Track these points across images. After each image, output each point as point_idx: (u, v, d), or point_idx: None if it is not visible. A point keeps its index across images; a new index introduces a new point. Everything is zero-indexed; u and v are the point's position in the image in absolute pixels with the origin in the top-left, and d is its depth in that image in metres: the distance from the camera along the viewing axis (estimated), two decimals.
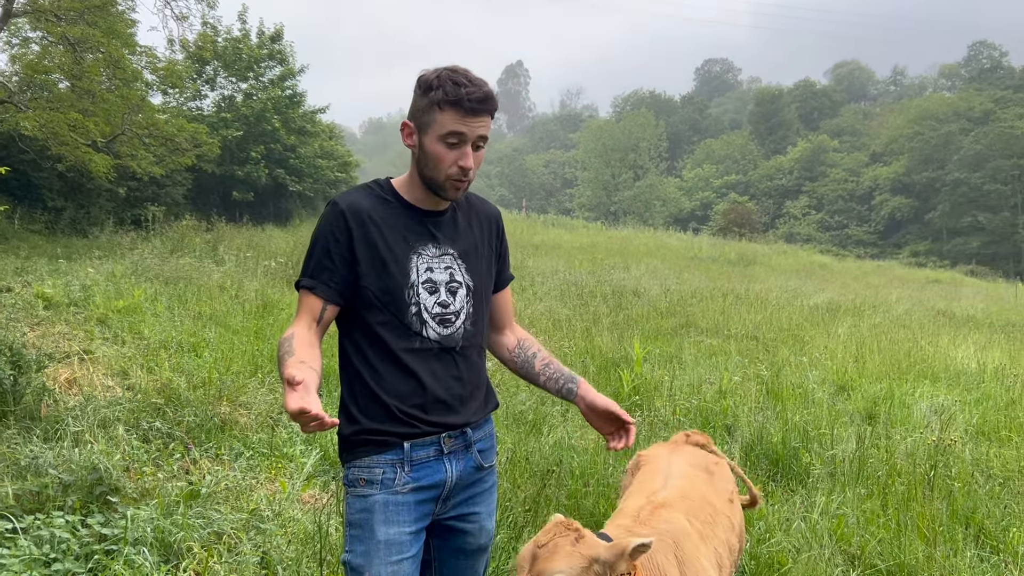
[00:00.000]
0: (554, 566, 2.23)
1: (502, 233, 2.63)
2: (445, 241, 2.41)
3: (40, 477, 4.20)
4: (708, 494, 3.01)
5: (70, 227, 19.34)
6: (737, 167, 74.50)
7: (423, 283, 2.33)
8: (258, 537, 4.01)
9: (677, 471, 3.10)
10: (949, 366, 10.33)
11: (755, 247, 37.14)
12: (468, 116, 2.23)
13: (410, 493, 2.30)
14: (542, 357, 2.63)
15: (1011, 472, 5.95)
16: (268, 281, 13.42)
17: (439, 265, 2.37)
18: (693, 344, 10.90)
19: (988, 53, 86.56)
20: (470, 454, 2.44)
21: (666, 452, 3.33)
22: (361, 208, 2.32)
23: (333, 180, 32.01)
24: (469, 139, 2.26)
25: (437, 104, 2.23)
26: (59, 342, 7.69)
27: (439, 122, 2.24)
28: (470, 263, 2.44)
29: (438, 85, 2.22)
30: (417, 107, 2.29)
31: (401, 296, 2.30)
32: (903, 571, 4.24)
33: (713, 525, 2.86)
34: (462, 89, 2.21)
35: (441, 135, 2.24)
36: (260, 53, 28.70)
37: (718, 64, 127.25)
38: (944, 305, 19.97)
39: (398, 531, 2.26)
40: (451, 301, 2.37)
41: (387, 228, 2.32)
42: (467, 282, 2.42)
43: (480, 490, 2.50)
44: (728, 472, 3.34)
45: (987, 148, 58.42)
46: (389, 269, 2.29)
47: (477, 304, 2.45)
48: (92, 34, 16.69)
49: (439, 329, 2.34)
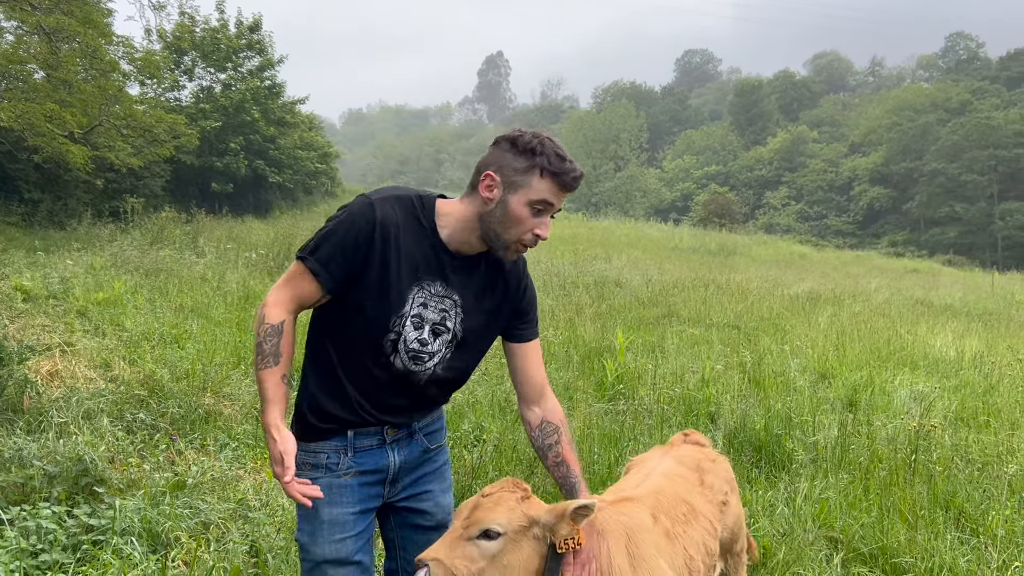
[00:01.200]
0: (493, 516, 2.16)
1: (526, 290, 2.55)
2: (454, 285, 2.38)
3: (24, 469, 4.17)
4: (687, 493, 2.84)
5: (47, 219, 19.13)
6: (717, 158, 74.79)
7: (412, 316, 2.33)
8: (246, 526, 4.01)
9: (661, 469, 2.96)
10: (928, 354, 10.44)
11: (735, 237, 37.35)
12: (563, 191, 2.26)
13: (353, 477, 2.40)
14: (555, 454, 2.51)
15: (989, 457, 6.03)
16: (249, 273, 13.34)
17: (436, 305, 2.36)
18: (675, 333, 10.96)
19: (965, 44, 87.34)
20: (415, 439, 2.51)
21: (659, 454, 3.19)
22: (392, 224, 2.29)
23: (313, 171, 31.87)
24: (554, 210, 2.29)
25: (539, 170, 2.23)
26: (39, 334, 7.62)
27: (535, 188, 2.24)
28: (468, 315, 2.41)
29: (542, 152, 2.22)
30: (510, 165, 2.25)
31: (387, 321, 2.32)
32: (886, 554, 4.30)
33: (687, 524, 2.72)
34: (567, 164, 2.24)
35: (532, 200, 2.25)
36: (238, 43, 28.48)
37: (698, 55, 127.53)
38: (922, 294, 20.18)
39: (341, 511, 2.36)
40: (431, 342, 2.37)
41: (405, 255, 2.30)
42: (455, 331, 2.40)
43: (430, 470, 2.58)
44: (725, 471, 3.16)
45: (964, 139, 58.98)
46: (389, 293, 2.30)
47: (458, 355, 2.44)
48: (68, 23, 16.46)
49: (408, 364, 2.37)
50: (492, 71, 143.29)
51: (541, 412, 2.53)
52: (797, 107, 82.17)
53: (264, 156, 28.26)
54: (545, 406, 2.54)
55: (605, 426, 6.20)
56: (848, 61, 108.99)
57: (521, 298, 2.52)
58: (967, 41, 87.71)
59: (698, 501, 2.85)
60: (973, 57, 79.52)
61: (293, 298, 2.35)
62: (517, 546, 2.17)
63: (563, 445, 2.50)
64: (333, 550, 2.35)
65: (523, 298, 2.53)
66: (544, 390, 2.56)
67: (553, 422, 2.52)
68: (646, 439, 5.95)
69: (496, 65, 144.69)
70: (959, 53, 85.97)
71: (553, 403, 2.56)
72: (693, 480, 2.95)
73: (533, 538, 2.20)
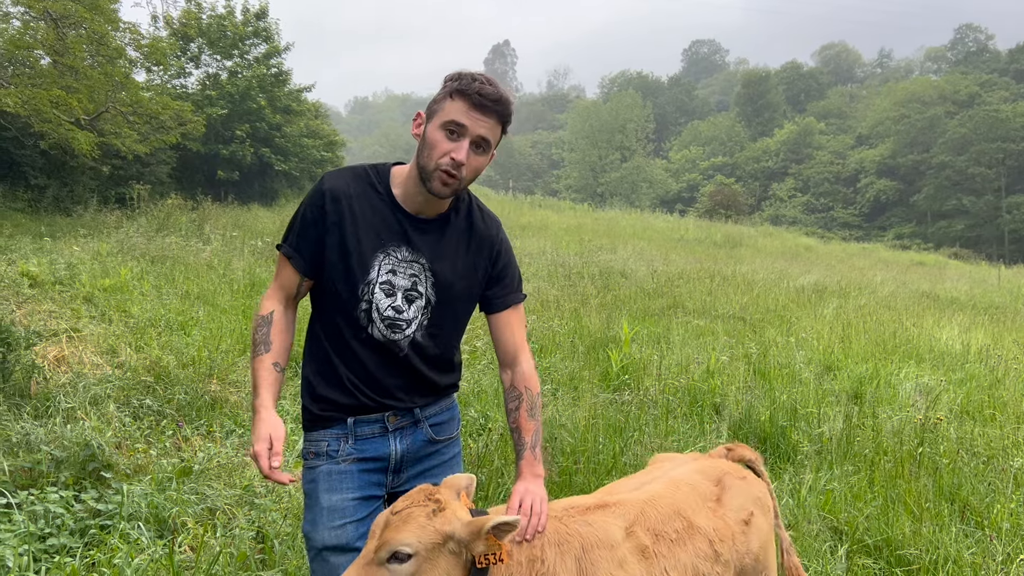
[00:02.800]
0: (402, 537, 2.00)
1: (499, 256, 2.53)
2: (421, 249, 2.39)
3: (32, 453, 4.19)
4: (689, 508, 2.55)
5: (53, 205, 19.15)
6: (724, 149, 74.54)
7: (380, 283, 2.35)
8: (252, 512, 4.02)
9: (673, 475, 2.70)
10: (934, 347, 10.43)
11: (741, 229, 37.27)
12: (474, 110, 2.25)
13: (353, 463, 2.40)
14: (513, 419, 2.51)
15: (995, 450, 6.03)
16: (255, 260, 13.36)
17: (405, 270, 2.38)
18: (681, 324, 10.95)
19: (974, 36, 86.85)
20: (420, 429, 2.50)
21: (685, 459, 2.91)
22: (342, 194, 2.34)
23: (319, 159, 31.81)
24: (469, 133, 2.26)
25: (449, 93, 2.27)
26: (46, 320, 7.64)
27: (446, 110, 2.27)
28: (440, 279, 2.42)
29: (457, 77, 2.28)
30: (433, 99, 2.33)
31: (355, 291, 2.34)
32: (890, 546, 4.30)
33: (676, 544, 2.44)
34: (476, 83, 2.25)
35: (444, 122, 2.26)
36: (245, 30, 28.41)
37: (705, 45, 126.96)
38: (928, 287, 20.13)
39: (340, 498, 2.36)
40: (405, 308, 2.39)
41: (363, 220, 2.34)
42: (428, 295, 2.41)
43: (438, 462, 2.57)
44: (755, 491, 2.80)
45: (972, 131, 58.70)
46: (350, 262, 2.33)
47: (436, 319, 2.44)
48: (75, 9, 16.45)
49: (385, 332, 2.39)
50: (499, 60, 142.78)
51: (511, 377, 2.54)
52: (804, 98, 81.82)
53: (270, 144, 28.22)
54: (517, 371, 2.54)
55: (610, 416, 6.21)
56: (856, 52, 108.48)
57: (495, 262, 2.51)
58: (976, 33, 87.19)
59: (702, 519, 2.56)
60: (982, 49, 79.07)
61: (279, 288, 2.43)
62: (433, 564, 2.02)
63: (521, 412, 2.49)
64: (333, 536, 2.34)
65: (497, 262, 2.52)
66: (518, 356, 2.55)
67: (518, 388, 2.52)
68: (651, 429, 5.96)
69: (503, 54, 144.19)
70: (968, 45, 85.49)
71: (525, 368, 2.54)
72: (707, 495, 2.65)
73: (450, 553, 2.05)
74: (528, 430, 2.48)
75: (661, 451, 5.44)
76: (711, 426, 6.31)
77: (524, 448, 2.45)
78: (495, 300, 2.54)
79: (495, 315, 2.56)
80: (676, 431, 6.00)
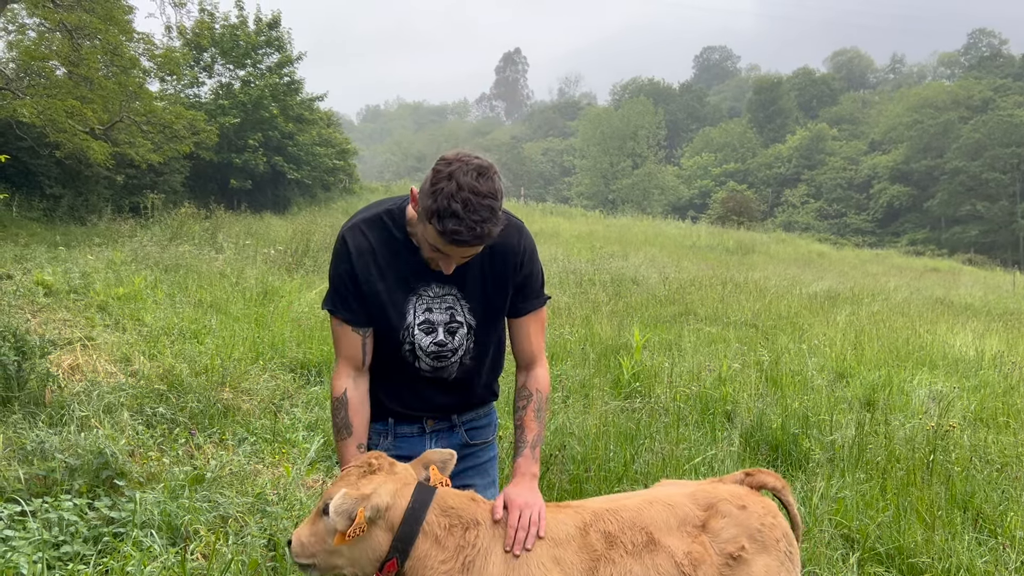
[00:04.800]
0: (331, 491, 2.17)
1: (522, 265, 2.52)
2: (449, 280, 2.43)
3: (47, 461, 4.22)
4: (657, 526, 2.39)
5: (68, 214, 19.30)
6: (736, 155, 74.40)
7: (419, 324, 2.42)
8: (264, 520, 4.04)
9: (657, 494, 2.55)
10: (947, 354, 10.37)
11: (753, 235, 37.15)
12: (451, 246, 2.20)
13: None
14: (518, 417, 2.57)
15: (1009, 458, 5.99)
16: (268, 269, 13.43)
17: (439, 305, 2.43)
18: (692, 331, 10.93)
19: (988, 41, 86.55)
20: (456, 432, 2.59)
21: (684, 484, 2.71)
22: (365, 249, 2.39)
23: (331, 168, 31.97)
24: (453, 259, 2.28)
25: (428, 216, 2.17)
26: (61, 329, 7.71)
27: (427, 230, 2.21)
28: (475, 302, 2.47)
29: (437, 201, 2.12)
30: (423, 193, 2.21)
31: (396, 335, 2.43)
32: (902, 554, 4.28)
33: (630, 555, 2.31)
34: (451, 224, 2.11)
35: (427, 240, 2.24)
36: (257, 40, 28.61)
37: (717, 52, 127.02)
38: (942, 293, 20.01)
39: None
40: (449, 341, 2.45)
41: (389, 270, 2.40)
42: (468, 322, 2.47)
43: (472, 464, 2.64)
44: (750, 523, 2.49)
45: (986, 137, 58.39)
46: (387, 311, 2.40)
47: (480, 340, 2.51)
48: (89, 20, 16.62)
49: (432, 363, 2.47)
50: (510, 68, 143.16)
51: (525, 378, 2.62)
52: (816, 104, 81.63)
53: (282, 152, 28.38)
54: (531, 373, 2.61)
55: (621, 424, 6.20)
56: (868, 58, 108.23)
57: (518, 270, 2.52)
58: (989, 38, 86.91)
59: (672, 539, 2.39)
60: (996, 54, 78.68)
61: (345, 360, 2.46)
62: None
63: (527, 411, 2.56)
64: None
65: (521, 269, 2.52)
66: (535, 360, 2.61)
67: (529, 389, 2.59)
68: (662, 437, 5.95)
69: (514, 62, 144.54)
70: (981, 50, 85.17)
71: (539, 372, 2.61)
72: (687, 518, 2.45)
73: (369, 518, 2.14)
74: (531, 429, 2.53)
75: (672, 459, 5.44)
76: (723, 434, 6.29)
77: (524, 446, 2.50)
78: (517, 306, 2.58)
79: (516, 320, 2.60)
80: (687, 439, 5.99)
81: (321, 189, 32.37)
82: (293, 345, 7.99)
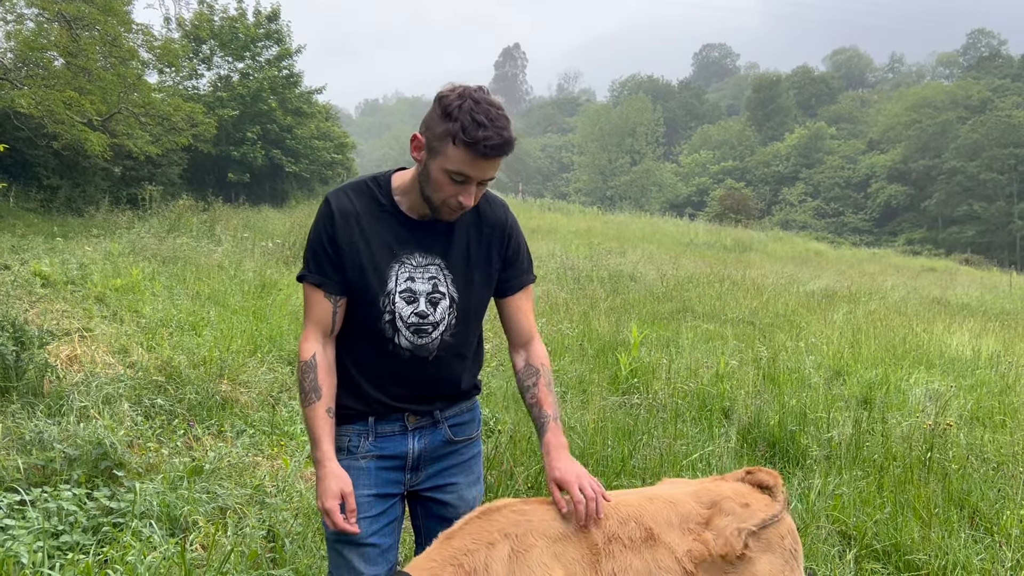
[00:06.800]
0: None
1: (510, 239, 2.49)
2: (433, 250, 2.37)
3: (46, 451, 4.23)
4: (657, 522, 2.37)
5: (65, 205, 19.28)
6: (734, 153, 74.44)
7: (400, 292, 2.34)
8: (263, 512, 4.04)
9: (658, 491, 2.54)
10: (944, 353, 10.39)
11: (751, 234, 37.19)
12: (479, 160, 2.15)
13: (371, 460, 2.42)
14: (531, 395, 2.52)
15: (1005, 456, 6.01)
16: (266, 261, 13.42)
17: (422, 275, 2.36)
18: (690, 328, 10.94)
19: (987, 41, 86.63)
20: (439, 429, 2.51)
21: (687, 482, 2.70)
22: (350, 212, 2.32)
23: (329, 161, 31.93)
24: (474, 180, 2.21)
25: (451, 138, 2.13)
26: (59, 319, 7.70)
27: (449, 156, 2.15)
28: (458, 275, 2.41)
29: (457, 116, 2.11)
30: (432, 128, 2.18)
31: (376, 303, 2.33)
32: (899, 551, 4.29)
33: (629, 549, 2.29)
34: (480, 132, 2.10)
35: (447, 169, 2.17)
36: (256, 32, 28.55)
37: (716, 50, 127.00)
38: (939, 293, 20.06)
39: (356, 493, 2.35)
40: (430, 312, 2.37)
41: (373, 235, 2.32)
42: (451, 294, 2.40)
43: (456, 462, 2.56)
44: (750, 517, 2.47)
45: (984, 137, 58.47)
46: (367, 276, 2.32)
47: (463, 316, 2.43)
48: (88, 11, 16.59)
49: (412, 338, 2.38)
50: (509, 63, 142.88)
51: (526, 356, 2.56)
52: (815, 103, 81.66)
53: (281, 145, 28.35)
54: (530, 350, 2.56)
55: (619, 420, 6.21)
56: (867, 57, 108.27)
57: (507, 244, 2.48)
58: (988, 38, 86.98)
59: (672, 536, 2.36)
60: (994, 54, 78.72)
61: (315, 324, 2.38)
62: None
63: (540, 387, 2.51)
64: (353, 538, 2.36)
65: (509, 244, 2.49)
66: (530, 337, 2.57)
67: (534, 365, 2.54)
68: (660, 433, 5.96)
69: (513, 57, 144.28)
70: (980, 50, 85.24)
71: (537, 348, 2.57)
72: (688, 515, 2.43)
73: None
74: (549, 403, 2.49)
75: (670, 454, 5.45)
76: (720, 430, 6.31)
77: (547, 420, 2.46)
78: (509, 283, 2.53)
79: (508, 299, 2.55)
80: (685, 435, 6.00)
81: (319, 183, 32.34)
82: (291, 338, 7.98)
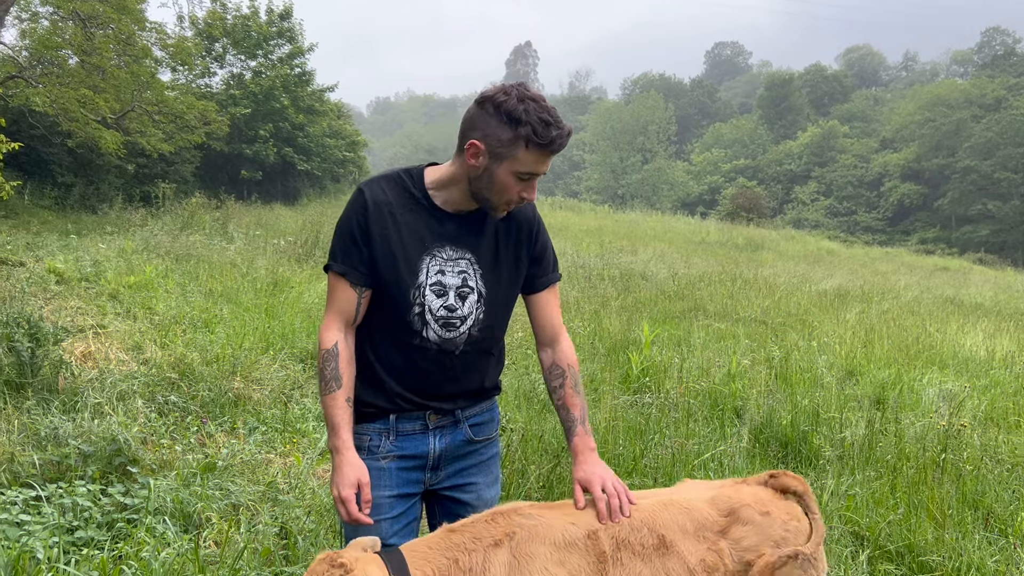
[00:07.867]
0: None
1: (538, 236, 2.52)
2: (464, 244, 2.39)
3: (60, 447, 4.26)
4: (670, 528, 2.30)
5: (79, 203, 19.39)
6: (746, 151, 74.12)
7: (431, 285, 2.35)
8: (276, 509, 4.06)
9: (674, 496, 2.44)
10: (957, 353, 10.33)
11: (763, 232, 37.06)
12: (549, 157, 2.22)
13: (392, 461, 2.42)
14: (559, 396, 2.54)
15: (1020, 458, 5.97)
16: (278, 259, 13.46)
17: (452, 269, 2.37)
18: (702, 327, 10.91)
19: (1001, 39, 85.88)
20: (460, 429, 2.51)
21: (705, 484, 2.60)
22: (383, 202, 2.33)
23: (341, 160, 32.00)
24: (539, 175, 2.27)
25: (524, 141, 2.17)
26: (73, 316, 7.76)
27: (520, 159, 2.20)
28: (487, 270, 2.42)
29: (527, 120, 2.15)
30: (495, 134, 2.19)
31: (406, 295, 2.34)
32: (913, 552, 4.27)
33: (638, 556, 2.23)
34: (552, 131, 2.16)
35: (518, 171, 2.22)
36: (269, 31, 28.64)
37: (728, 47, 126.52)
38: (952, 292, 19.93)
39: (377, 495, 2.37)
40: (459, 306, 2.38)
41: (405, 227, 2.33)
42: (480, 289, 2.41)
43: (476, 462, 2.57)
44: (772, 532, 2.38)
45: (998, 135, 58.01)
46: (399, 267, 2.32)
47: (490, 311, 2.44)
48: (102, 9, 16.68)
49: (441, 332, 2.38)
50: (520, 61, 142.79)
51: (552, 355, 2.57)
52: (828, 101, 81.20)
53: (293, 143, 28.43)
54: (557, 349, 2.57)
55: (630, 419, 6.20)
56: (881, 55, 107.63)
57: (535, 242, 2.51)
58: (1003, 36, 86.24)
59: (686, 545, 2.28)
60: (1009, 52, 77.99)
61: (337, 313, 2.39)
62: None
63: (567, 388, 2.52)
64: (367, 531, 2.34)
65: (536, 243, 2.51)
66: (557, 334, 2.58)
67: (561, 366, 2.55)
68: (671, 432, 5.95)
69: (524, 55, 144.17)
70: (994, 48, 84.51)
71: (565, 346, 2.57)
72: (705, 522, 2.35)
73: None
74: (576, 405, 2.50)
75: (681, 454, 5.44)
76: (732, 430, 6.29)
77: (575, 423, 2.47)
78: (536, 280, 2.54)
79: (536, 295, 2.56)
80: (697, 434, 5.98)
81: (331, 181, 32.42)
82: (303, 335, 8.01)
